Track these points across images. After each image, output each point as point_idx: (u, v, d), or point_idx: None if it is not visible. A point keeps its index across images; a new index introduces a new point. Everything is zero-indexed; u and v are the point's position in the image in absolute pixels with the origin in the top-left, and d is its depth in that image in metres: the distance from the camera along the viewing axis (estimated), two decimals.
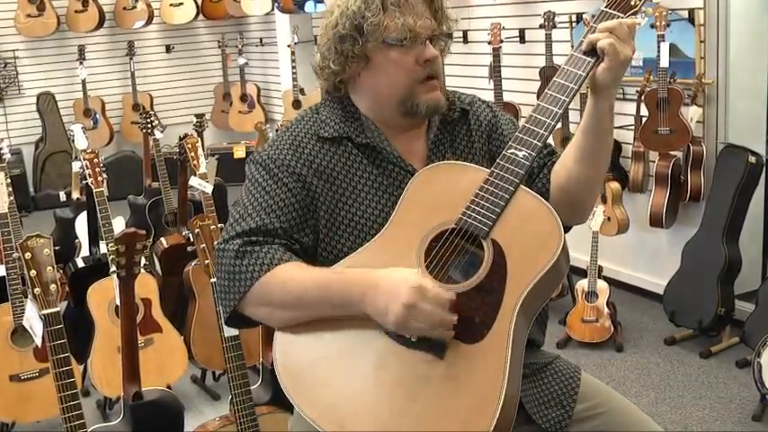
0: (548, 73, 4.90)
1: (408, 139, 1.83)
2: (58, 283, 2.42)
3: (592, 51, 1.65)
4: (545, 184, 1.83)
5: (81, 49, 7.71)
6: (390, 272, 1.58)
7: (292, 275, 1.64)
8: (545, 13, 4.84)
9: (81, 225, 4.64)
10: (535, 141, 1.64)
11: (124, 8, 7.92)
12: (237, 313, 1.71)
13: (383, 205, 1.75)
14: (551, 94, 1.67)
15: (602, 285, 4.23)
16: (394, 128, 1.81)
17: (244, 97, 8.25)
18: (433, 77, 1.78)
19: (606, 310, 4.21)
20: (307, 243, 1.73)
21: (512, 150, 1.65)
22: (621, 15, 1.66)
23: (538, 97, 5.26)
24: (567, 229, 1.87)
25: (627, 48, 1.63)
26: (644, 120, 4.33)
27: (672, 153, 4.36)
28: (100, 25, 7.77)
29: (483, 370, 1.51)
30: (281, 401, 2.78)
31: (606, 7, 1.69)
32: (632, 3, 1.68)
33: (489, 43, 5.09)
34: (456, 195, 1.65)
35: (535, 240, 1.58)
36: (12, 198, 3.67)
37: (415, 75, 1.75)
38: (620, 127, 4.49)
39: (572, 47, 4.86)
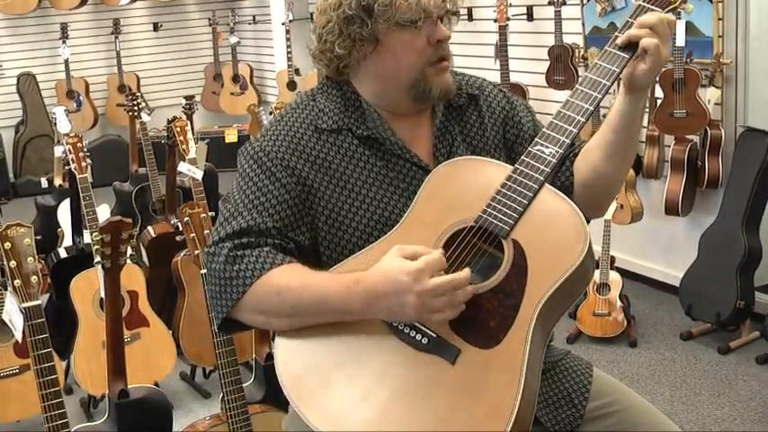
0: (557, 52, 4.88)
1: (413, 126, 1.80)
2: (40, 275, 2.42)
3: (628, 47, 1.64)
4: (568, 178, 1.82)
5: (64, 28, 7.69)
6: (381, 272, 1.54)
7: (286, 282, 1.62)
8: None
9: (63, 213, 4.64)
10: (563, 138, 1.63)
11: None
12: (230, 320, 1.69)
13: (388, 199, 1.72)
14: (582, 90, 1.66)
15: (614, 277, 4.23)
16: (398, 114, 1.79)
17: (236, 78, 8.23)
18: (444, 59, 1.75)
19: (619, 303, 4.20)
20: (302, 242, 1.71)
21: (538, 147, 1.64)
22: (659, 11, 1.66)
23: (546, 78, 5.27)
24: None
25: (666, 47, 1.63)
26: (659, 102, 4.31)
27: (688, 137, 4.35)
28: (83, 2, 7.74)
29: (496, 378, 1.49)
30: (274, 399, 2.78)
31: (644, 1, 1.68)
32: None
33: (495, 21, 5.08)
34: (475, 192, 1.63)
35: (559, 242, 1.56)
36: None
37: (427, 56, 1.73)
38: None
39: (582, 25, 4.89)
